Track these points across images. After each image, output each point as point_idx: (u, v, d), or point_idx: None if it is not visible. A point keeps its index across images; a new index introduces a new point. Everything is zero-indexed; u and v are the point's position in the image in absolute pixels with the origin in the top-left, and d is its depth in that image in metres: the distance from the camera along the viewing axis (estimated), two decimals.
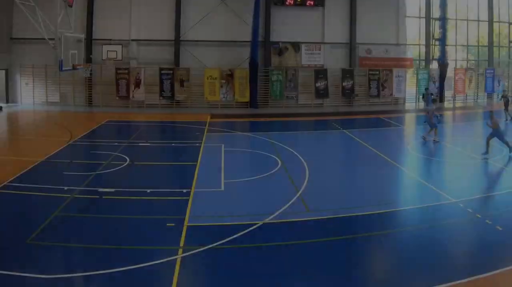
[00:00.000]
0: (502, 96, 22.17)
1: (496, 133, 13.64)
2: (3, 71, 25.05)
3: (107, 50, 24.08)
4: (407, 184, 11.90)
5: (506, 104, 21.09)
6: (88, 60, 23.80)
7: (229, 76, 24.72)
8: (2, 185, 10.79)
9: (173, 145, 16.28)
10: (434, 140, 16.07)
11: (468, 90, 28.51)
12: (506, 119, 20.46)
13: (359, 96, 26.27)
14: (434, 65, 27.76)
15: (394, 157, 14.09)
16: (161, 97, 24.85)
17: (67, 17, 17.62)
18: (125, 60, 24.64)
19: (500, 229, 8.18)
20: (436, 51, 27.34)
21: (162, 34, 24.95)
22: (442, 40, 26.78)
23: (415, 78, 27.33)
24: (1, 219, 8.87)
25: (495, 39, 30.33)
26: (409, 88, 27.10)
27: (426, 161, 14.37)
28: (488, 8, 29.56)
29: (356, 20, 25.94)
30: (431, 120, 16.15)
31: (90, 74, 23.66)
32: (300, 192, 10.60)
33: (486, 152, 13.52)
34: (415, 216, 9.33)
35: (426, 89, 24.96)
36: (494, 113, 14.40)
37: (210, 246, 7.58)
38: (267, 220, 8.77)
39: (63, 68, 17.06)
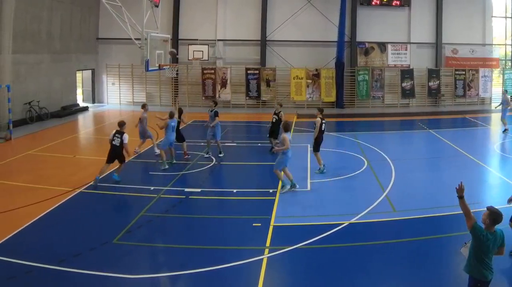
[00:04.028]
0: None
1: None
2: (90, 71, 25.34)
3: (193, 50, 24.01)
4: (492, 183, 11.55)
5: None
6: (174, 60, 23.86)
7: (315, 76, 24.54)
8: (88, 185, 10.77)
9: (259, 144, 15.92)
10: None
11: None
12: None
13: (445, 96, 25.81)
14: None
15: (480, 156, 13.83)
16: (247, 97, 24.79)
17: (153, 17, 17.53)
18: (211, 60, 24.64)
19: None
20: None
21: (248, 34, 24.95)
22: None
23: (501, 78, 26.70)
24: (88, 218, 8.88)
25: None
26: (495, 88, 26.49)
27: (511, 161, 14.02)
28: None
29: (442, 20, 25.56)
30: None
31: (176, 74, 23.60)
32: (386, 192, 10.48)
33: None
34: None
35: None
36: None
37: (296, 246, 7.51)
38: (353, 220, 8.66)
39: (149, 68, 16.84)
